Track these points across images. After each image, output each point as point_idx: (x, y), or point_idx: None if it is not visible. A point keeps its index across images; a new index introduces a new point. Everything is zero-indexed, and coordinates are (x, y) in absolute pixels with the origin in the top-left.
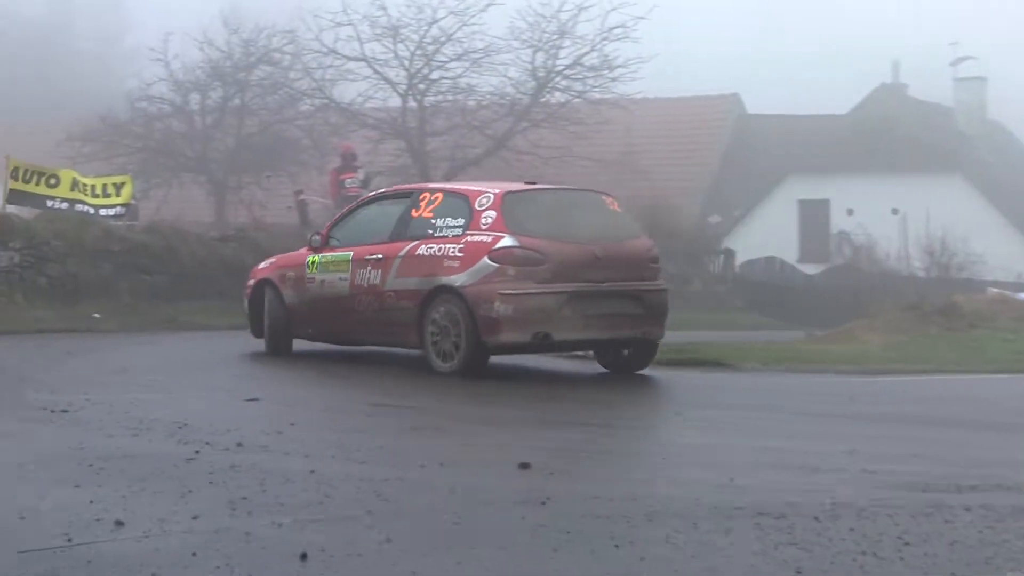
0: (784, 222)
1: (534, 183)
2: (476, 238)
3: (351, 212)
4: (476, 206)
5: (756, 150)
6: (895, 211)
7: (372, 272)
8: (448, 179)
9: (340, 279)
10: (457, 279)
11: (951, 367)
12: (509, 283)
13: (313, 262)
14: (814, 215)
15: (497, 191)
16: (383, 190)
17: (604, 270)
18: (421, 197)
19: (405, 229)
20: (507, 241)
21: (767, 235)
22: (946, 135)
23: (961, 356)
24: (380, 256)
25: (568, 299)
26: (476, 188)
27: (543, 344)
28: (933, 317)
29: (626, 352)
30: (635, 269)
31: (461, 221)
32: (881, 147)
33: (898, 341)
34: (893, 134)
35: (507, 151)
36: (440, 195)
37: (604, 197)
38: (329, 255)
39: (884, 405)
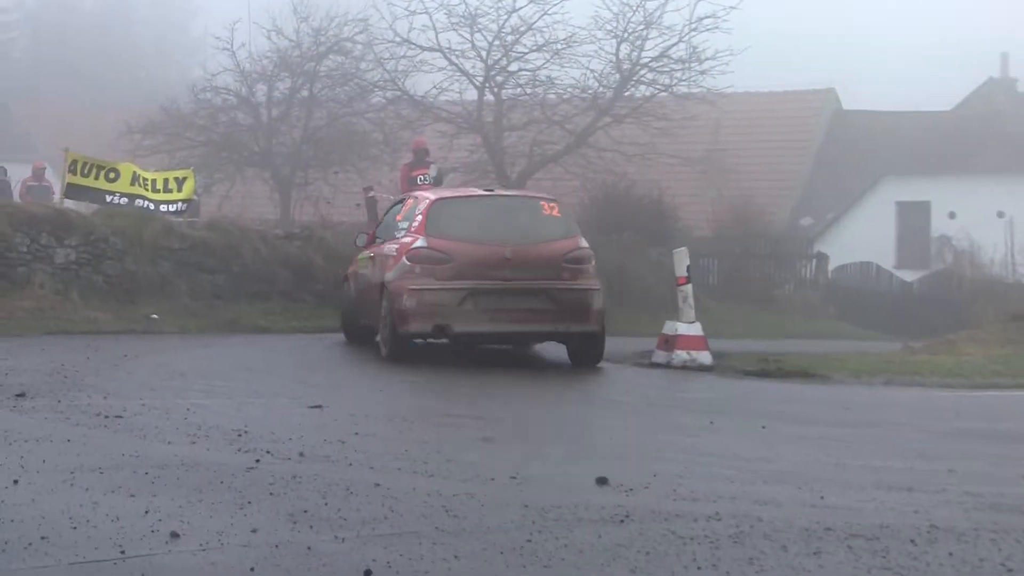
0: (881, 225)
1: (491, 190)
2: (405, 239)
3: (386, 214)
4: (416, 211)
5: (852, 148)
6: (1001, 214)
7: (372, 269)
8: (525, 176)
9: (364, 274)
10: (388, 276)
11: None
12: (416, 280)
13: (360, 259)
14: (913, 218)
15: (432, 197)
16: (405, 195)
17: (513, 269)
18: (405, 202)
19: (388, 231)
20: (419, 242)
21: (862, 239)
22: None
23: None
24: (373, 255)
25: (468, 295)
26: (426, 195)
27: (445, 335)
28: None
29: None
30: (548, 269)
31: (406, 224)
32: (987, 146)
33: (1003, 354)
34: (1000, 132)
35: (588, 147)
36: (412, 200)
37: (542, 202)
38: (365, 253)
39: (987, 422)
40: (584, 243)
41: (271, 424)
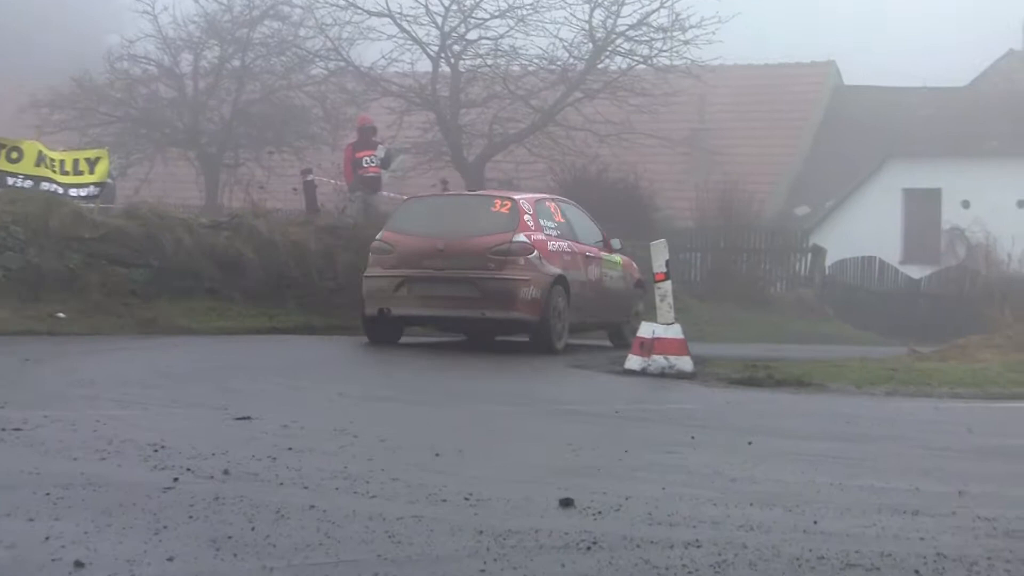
0: (885, 215)
1: (476, 191)
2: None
3: None
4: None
5: (854, 128)
6: (1021, 203)
7: None
8: (484, 158)
9: None
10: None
11: None
12: (370, 268)
13: None
14: (922, 207)
15: (406, 197)
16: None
17: (445, 259)
18: None
19: None
20: (378, 235)
21: (864, 230)
22: None
23: None
24: None
25: (403, 282)
26: (416, 195)
27: (385, 317)
28: None
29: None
30: (475, 260)
31: None
32: (1006, 126)
33: (1021, 361)
34: (1021, 110)
35: (556, 126)
36: None
37: (496, 200)
38: None
39: (1003, 437)
40: (521, 237)
41: (192, 438)
